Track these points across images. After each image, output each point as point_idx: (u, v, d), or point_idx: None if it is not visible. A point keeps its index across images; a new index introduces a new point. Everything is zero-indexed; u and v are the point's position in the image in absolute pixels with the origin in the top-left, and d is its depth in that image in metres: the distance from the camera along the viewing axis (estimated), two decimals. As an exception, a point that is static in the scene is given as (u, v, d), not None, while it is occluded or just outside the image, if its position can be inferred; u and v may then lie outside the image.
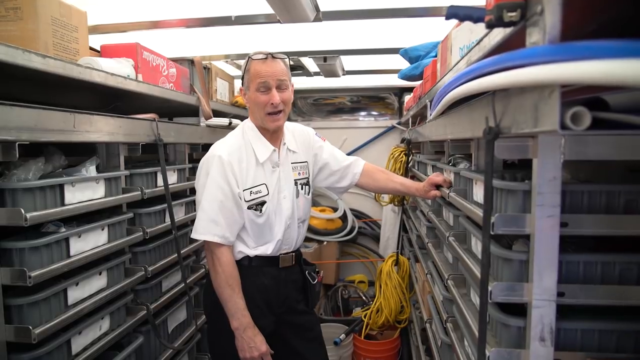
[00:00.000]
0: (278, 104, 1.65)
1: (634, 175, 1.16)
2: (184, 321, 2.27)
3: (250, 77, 1.65)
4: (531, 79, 0.64)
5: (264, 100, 1.64)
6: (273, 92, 1.64)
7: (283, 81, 1.66)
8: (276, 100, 1.64)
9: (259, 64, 1.64)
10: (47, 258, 1.32)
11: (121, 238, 1.70)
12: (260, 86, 1.63)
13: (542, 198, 0.90)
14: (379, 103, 4.53)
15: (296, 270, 1.84)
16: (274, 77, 1.63)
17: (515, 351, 0.98)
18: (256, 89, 1.64)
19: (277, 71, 1.64)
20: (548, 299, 0.92)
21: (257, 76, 1.63)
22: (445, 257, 1.86)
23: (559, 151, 0.88)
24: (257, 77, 1.63)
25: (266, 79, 1.62)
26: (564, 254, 0.92)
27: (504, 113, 0.90)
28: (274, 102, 1.64)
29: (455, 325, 1.52)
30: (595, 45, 0.53)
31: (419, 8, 2.16)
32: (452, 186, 1.65)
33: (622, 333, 0.97)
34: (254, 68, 1.64)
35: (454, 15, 0.98)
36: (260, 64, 1.64)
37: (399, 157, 3.21)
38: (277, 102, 1.64)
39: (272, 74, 1.63)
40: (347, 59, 3.18)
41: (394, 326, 3.31)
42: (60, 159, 1.56)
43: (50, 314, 1.34)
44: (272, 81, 1.63)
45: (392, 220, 3.91)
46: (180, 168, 2.24)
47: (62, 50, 1.53)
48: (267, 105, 1.64)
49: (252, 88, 1.65)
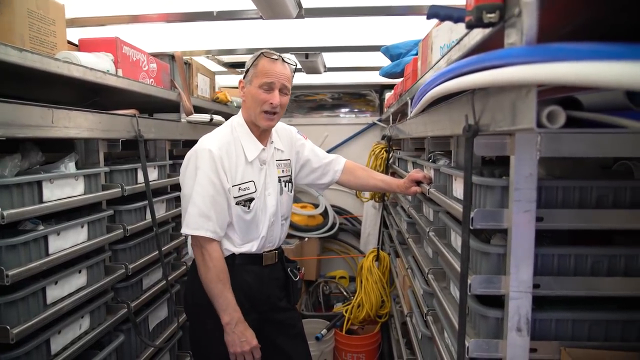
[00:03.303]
0: (277, 106, 1.66)
1: (605, 172, 1.21)
2: (165, 319, 2.25)
3: (257, 72, 1.65)
4: (509, 79, 0.66)
5: (264, 98, 1.64)
6: (275, 93, 1.65)
7: (286, 86, 1.68)
8: (276, 101, 1.65)
9: (268, 62, 1.65)
10: (25, 256, 1.29)
11: (101, 236, 1.67)
12: (264, 84, 1.64)
13: (519, 194, 0.93)
14: (360, 100, 4.56)
15: (278, 268, 1.85)
16: (279, 79, 1.65)
17: (493, 341, 1.01)
18: (259, 85, 1.64)
19: (283, 74, 1.67)
20: (524, 291, 0.96)
21: (264, 74, 1.64)
22: (425, 252, 1.89)
23: (535, 148, 0.92)
24: (263, 75, 1.64)
25: (272, 80, 1.64)
26: (539, 247, 0.96)
27: (483, 111, 0.93)
28: (274, 102, 1.65)
29: (435, 318, 1.55)
30: (569, 48, 0.55)
31: (400, 6, 2.18)
32: (432, 182, 1.69)
33: (594, 322, 1.02)
34: (262, 65, 1.65)
35: (435, 15, 1.01)
36: (269, 62, 1.65)
37: (380, 154, 3.25)
38: (276, 104, 1.65)
39: (278, 76, 1.65)
40: (329, 56, 3.19)
41: (375, 321, 3.35)
42: (37, 155, 1.53)
43: (29, 313, 1.31)
44: (277, 82, 1.65)
45: (372, 217, 3.95)
46: (161, 164, 2.22)
47: (39, 43, 1.49)
48: (266, 104, 1.65)
49: (255, 84, 1.65)
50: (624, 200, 0.99)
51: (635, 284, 0.98)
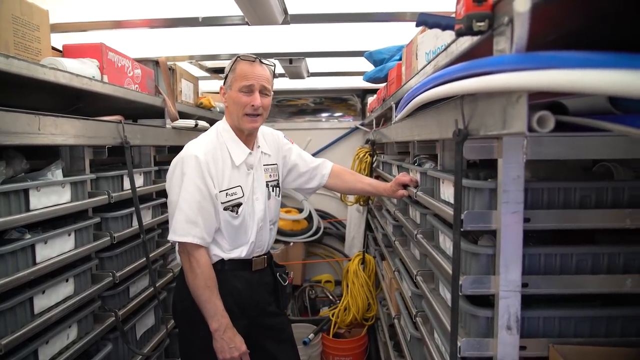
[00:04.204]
0: (258, 107, 1.66)
1: (586, 173, 1.26)
2: (153, 326, 2.22)
3: (235, 76, 1.65)
4: (502, 85, 0.69)
5: (245, 101, 1.64)
6: (255, 95, 1.65)
7: (266, 87, 1.68)
8: (257, 103, 1.65)
9: (246, 65, 1.65)
10: (12, 266, 1.27)
11: (88, 244, 1.65)
12: (243, 87, 1.64)
13: (507, 195, 0.97)
14: (342, 104, 4.60)
15: (267, 273, 1.85)
16: (258, 81, 1.65)
17: (484, 340, 1.04)
18: (239, 89, 1.64)
19: (262, 76, 1.66)
20: (513, 290, 0.99)
21: (242, 77, 1.64)
22: (412, 254, 1.92)
23: (522, 151, 0.95)
24: (242, 79, 1.64)
25: (251, 82, 1.64)
26: (526, 248, 0.99)
27: (472, 116, 0.96)
28: (254, 104, 1.64)
29: (424, 319, 1.57)
30: (560, 56, 0.58)
31: (383, 13, 2.22)
32: (418, 185, 1.71)
33: (579, 319, 1.05)
34: (240, 68, 1.65)
35: (423, 23, 1.04)
36: (247, 65, 1.65)
37: (364, 158, 3.28)
38: (257, 105, 1.65)
39: (257, 78, 1.64)
40: (312, 61, 3.21)
41: (362, 324, 3.37)
42: (21, 163, 1.51)
43: (17, 323, 1.28)
44: (256, 84, 1.64)
45: (356, 220, 3.98)
46: (147, 171, 2.20)
47: (24, 49, 1.47)
48: (247, 106, 1.65)
49: (235, 88, 1.65)
50: (606, 200, 1.03)
51: (617, 281, 1.02)
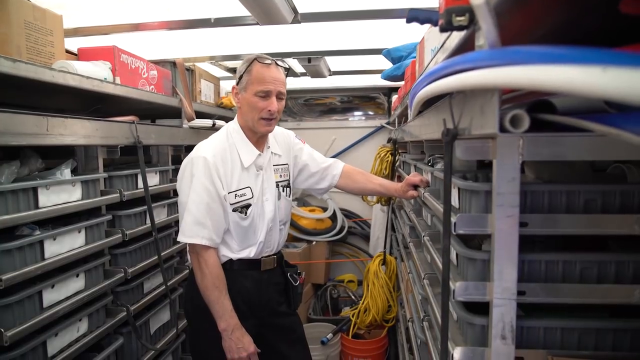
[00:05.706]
0: (274, 112, 1.66)
1: (597, 175, 1.18)
2: (168, 322, 2.27)
3: (251, 79, 1.64)
4: (473, 83, 0.65)
5: (262, 106, 1.64)
6: (272, 100, 1.64)
7: (282, 92, 1.68)
8: (274, 108, 1.64)
9: (263, 68, 1.64)
10: (20, 261, 1.32)
11: (99, 240, 1.70)
12: (260, 92, 1.63)
13: (501, 198, 0.91)
14: (370, 103, 4.54)
15: (278, 273, 1.85)
16: (276, 86, 1.64)
17: (479, 349, 0.99)
18: (255, 93, 1.63)
19: (279, 80, 1.66)
20: (508, 298, 0.93)
21: (260, 81, 1.63)
22: (424, 257, 1.87)
23: (517, 152, 0.89)
24: (259, 83, 1.63)
25: (269, 88, 1.63)
26: (525, 254, 0.94)
27: (462, 115, 0.92)
28: (272, 109, 1.64)
29: (430, 324, 1.53)
30: (524, 51, 0.54)
31: (399, 9, 2.16)
32: (429, 186, 1.66)
33: (584, 330, 0.98)
34: (257, 71, 1.64)
35: (414, 18, 1.00)
36: (264, 68, 1.64)
37: (385, 157, 3.23)
38: (274, 110, 1.65)
39: (274, 82, 1.64)
40: (332, 60, 3.19)
41: (382, 325, 3.32)
42: (37, 162, 1.57)
43: (25, 316, 1.34)
44: (273, 90, 1.64)
45: (381, 220, 3.93)
46: (163, 170, 2.25)
47: (36, 53, 1.53)
48: (264, 111, 1.65)
49: (251, 91, 1.64)
50: (613, 205, 0.96)
51: (625, 291, 0.95)
